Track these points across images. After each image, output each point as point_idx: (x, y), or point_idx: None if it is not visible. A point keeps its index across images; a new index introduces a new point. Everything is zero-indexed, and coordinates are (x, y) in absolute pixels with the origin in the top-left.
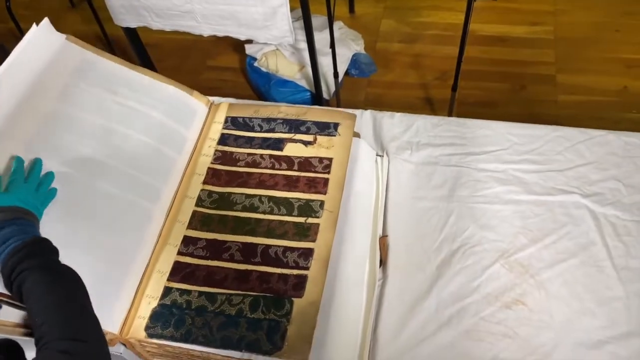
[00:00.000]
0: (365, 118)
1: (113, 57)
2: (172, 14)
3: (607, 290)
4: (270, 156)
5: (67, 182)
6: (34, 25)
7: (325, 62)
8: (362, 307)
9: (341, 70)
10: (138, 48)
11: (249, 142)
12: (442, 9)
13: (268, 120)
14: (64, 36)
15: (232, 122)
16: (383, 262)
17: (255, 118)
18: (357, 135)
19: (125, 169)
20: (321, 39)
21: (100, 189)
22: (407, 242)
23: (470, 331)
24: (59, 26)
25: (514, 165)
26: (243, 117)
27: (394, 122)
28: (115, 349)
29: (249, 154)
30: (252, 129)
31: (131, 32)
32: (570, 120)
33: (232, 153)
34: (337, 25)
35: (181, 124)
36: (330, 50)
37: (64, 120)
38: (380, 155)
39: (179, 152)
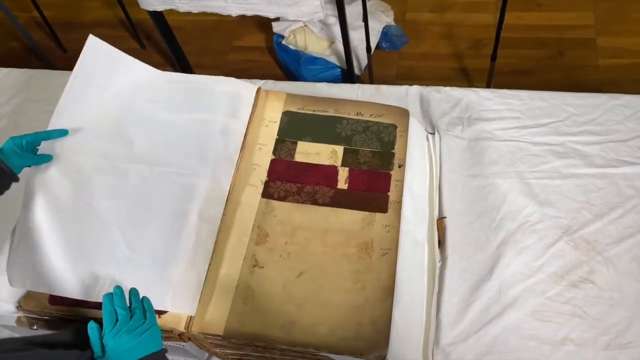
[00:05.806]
0: (411, 94)
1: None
2: None
3: None
4: None
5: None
6: None
7: (355, 37)
8: (424, 290)
9: (372, 44)
10: (165, 32)
11: None
12: None
13: None
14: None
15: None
16: (441, 244)
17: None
18: (406, 112)
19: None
20: (350, 12)
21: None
22: (465, 223)
23: (537, 311)
24: (79, 13)
25: (573, 137)
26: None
27: (442, 97)
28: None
29: None
30: None
31: (158, 16)
32: (613, 85)
33: None
34: None
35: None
36: (359, 24)
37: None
38: (431, 133)
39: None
